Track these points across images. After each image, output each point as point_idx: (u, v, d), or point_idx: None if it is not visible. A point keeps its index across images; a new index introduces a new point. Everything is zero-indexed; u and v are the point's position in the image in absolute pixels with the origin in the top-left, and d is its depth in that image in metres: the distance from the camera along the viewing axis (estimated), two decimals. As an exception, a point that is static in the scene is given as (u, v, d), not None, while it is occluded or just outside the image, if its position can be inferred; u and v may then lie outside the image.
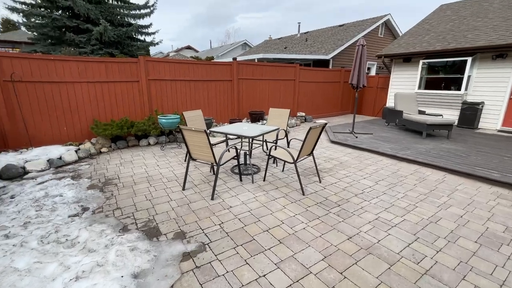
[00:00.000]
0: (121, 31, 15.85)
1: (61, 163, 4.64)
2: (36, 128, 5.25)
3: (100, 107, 5.87)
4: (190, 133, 3.37)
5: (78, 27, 14.96)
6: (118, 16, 16.27)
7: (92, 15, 14.92)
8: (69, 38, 14.70)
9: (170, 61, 6.69)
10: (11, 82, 4.84)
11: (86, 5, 14.56)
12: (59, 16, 14.35)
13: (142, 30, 17.73)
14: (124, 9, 16.56)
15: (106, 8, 15.80)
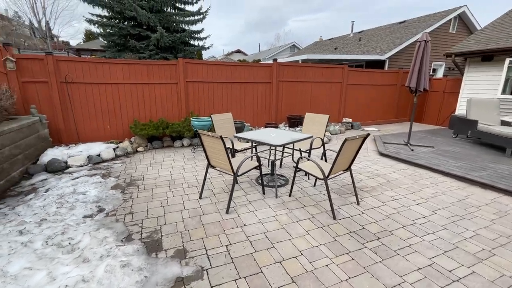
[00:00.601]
0: (175, 36, 16.90)
1: (99, 160, 4.89)
2: (85, 125, 5.69)
3: (140, 107, 6.11)
4: (207, 138, 3.09)
5: (139, 34, 16.45)
6: (174, 23, 17.41)
7: (152, 23, 16.23)
8: (131, 45, 16.25)
9: (208, 63, 6.64)
10: (65, 83, 5.33)
11: (147, 14, 15.90)
12: (125, 26, 15.98)
13: (194, 36, 18.67)
14: (180, 16, 17.66)
15: (164, 16, 17.05)
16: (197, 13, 17.88)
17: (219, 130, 4.59)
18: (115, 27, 16.02)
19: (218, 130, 4.57)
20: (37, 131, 4.81)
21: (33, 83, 5.11)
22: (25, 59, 4.99)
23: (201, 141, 3.21)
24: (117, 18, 16.42)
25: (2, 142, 3.70)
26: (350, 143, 2.87)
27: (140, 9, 15.30)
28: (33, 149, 4.55)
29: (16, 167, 3.99)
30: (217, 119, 4.60)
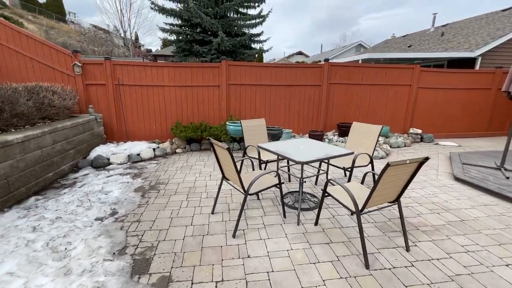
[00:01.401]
0: (235, 40, 17.37)
1: (137, 159, 5.10)
2: (134, 125, 6.10)
3: (183, 109, 6.22)
4: (217, 147, 2.73)
5: (203, 39, 17.48)
6: (235, 27, 17.93)
7: (214, 28, 17.04)
8: (195, 50, 17.39)
9: (251, 65, 6.35)
10: (118, 86, 5.78)
11: (211, 20, 16.75)
12: (191, 32, 17.21)
13: (254, 39, 18.87)
14: (241, 20, 18.07)
15: (227, 21, 17.69)
16: (257, 16, 18.02)
17: (249, 137, 4.20)
18: (182, 33, 17.43)
19: (247, 137, 4.18)
20: (92, 129, 5.32)
21: (94, 85, 5.71)
22: (89, 64, 5.60)
23: (213, 150, 2.87)
24: (185, 26, 17.84)
25: (55, 138, 4.13)
26: (395, 170, 2.09)
27: (205, 16, 16.17)
28: (85, 145, 5.03)
29: (67, 160, 4.43)
30: (247, 125, 4.22)
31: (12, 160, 3.28)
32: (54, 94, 4.65)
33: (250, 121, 4.29)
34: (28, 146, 3.56)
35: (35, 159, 3.68)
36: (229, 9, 17.66)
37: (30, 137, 3.58)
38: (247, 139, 4.18)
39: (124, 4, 18.86)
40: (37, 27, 21.34)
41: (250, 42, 19.05)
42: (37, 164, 3.72)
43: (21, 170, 3.43)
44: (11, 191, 3.26)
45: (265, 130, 4.41)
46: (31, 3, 27.68)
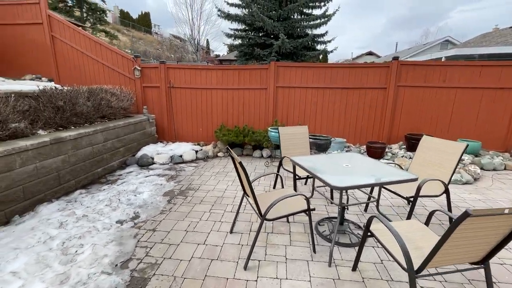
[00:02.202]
0: (297, 42, 16.83)
1: (179, 160, 5.16)
2: (182, 126, 6.27)
3: (229, 112, 6.09)
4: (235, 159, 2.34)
5: (264, 43, 17.51)
6: (298, 28, 17.40)
7: (276, 31, 16.86)
8: (256, 53, 17.55)
9: (303, 66, 5.77)
10: (169, 88, 6.02)
11: (273, 23, 16.63)
12: (253, 36, 17.44)
13: (317, 39, 17.99)
14: (305, 21, 17.43)
15: (290, 23, 17.32)
16: (322, 16, 17.09)
17: (287, 147, 3.69)
18: (245, 38, 17.84)
19: (285, 147, 3.68)
20: (144, 128, 5.65)
21: (150, 88, 6.09)
22: (146, 68, 6.00)
23: (233, 162, 2.50)
24: (248, 30, 18.22)
25: (107, 136, 4.45)
26: (480, 223, 1.30)
27: (267, 19, 16.14)
28: (136, 143, 5.35)
29: (116, 157, 4.75)
30: (285, 133, 3.71)
31: (64, 155, 3.59)
32: (113, 96, 5.07)
33: (289, 128, 3.77)
34: (80, 143, 3.88)
35: (86, 155, 4.00)
36: (293, 10, 17.23)
37: (83, 134, 3.90)
38: (284, 149, 3.67)
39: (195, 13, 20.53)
40: (128, 38, 25.34)
41: (313, 43, 18.21)
42: (87, 160, 4.04)
43: (72, 164, 3.75)
44: (61, 183, 3.58)
45: (307, 139, 3.82)
46: (127, 19, 33.06)
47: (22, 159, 3.01)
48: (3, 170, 2.82)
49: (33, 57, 6.20)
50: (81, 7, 18.82)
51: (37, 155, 3.19)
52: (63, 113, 3.95)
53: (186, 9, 20.08)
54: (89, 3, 19.09)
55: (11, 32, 6.12)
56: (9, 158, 2.86)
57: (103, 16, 20.01)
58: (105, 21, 21.10)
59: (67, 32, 5.98)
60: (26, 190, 3.08)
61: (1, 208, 2.82)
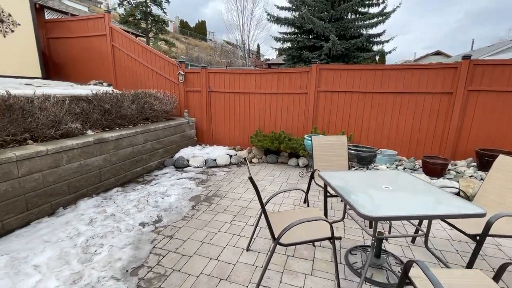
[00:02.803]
0: (349, 43, 15.83)
1: (213, 164, 5.16)
2: (220, 129, 6.32)
3: (266, 117, 5.90)
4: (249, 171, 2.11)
5: (313, 45, 16.92)
6: (351, 29, 16.36)
7: (327, 32, 16.14)
8: (304, 56, 17.06)
9: (349, 68, 5.23)
10: (208, 92, 6.12)
11: (324, 24, 15.96)
12: (302, 38, 17.01)
13: (373, 39, 16.66)
14: (359, 20, 16.31)
15: (342, 24, 16.40)
16: (379, 14, 15.75)
17: (320, 158, 3.31)
18: (293, 41, 17.51)
19: (318, 158, 3.31)
20: (183, 131, 5.85)
21: (192, 92, 6.30)
22: (190, 73, 6.22)
23: (250, 175, 2.28)
24: (297, 33, 17.84)
25: (147, 138, 4.70)
26: None
27: (317, 20, 15.58)
28: (175, 145, 5.56)
29: (155, 158, 4.98)
30: (320, 142, 3.33)
31: (106, 154, 3.87)
32: (156, 100, 5.36)
33: (324, 137, 3.38)
34: (121, 143, 4.15)
35: (126, 155, 4.26)
36: (346, 10, 16.29)
37: (124, 135, 4.17)
38: (317, 161, 3.30)
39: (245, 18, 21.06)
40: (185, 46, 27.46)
41: (368, 43, 16.94)
42: (127, 160, 4.30)
43: (113, 163, 4.02)
44: (102, 180, 3.86)
45: (345, 150, 3.37)
46: (185, 28, 35.91)
47: (68, 156, 3.32)
48: (52, 166, 3.13)
49: (97, 64, 7.02)
50: (147, 19, 21.03)
51: (81, 153, 3.49)
52: (109, 115, 4.29)
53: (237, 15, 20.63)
54: (153, 15, 21.22)
55: (82, 44, 7.04)
56: (57, 155, 3.17)
57: (164, 26, 22.01)
58: (166, 30, 23.19)
59: (124, 41, 6.60)
60: (70, 185, 3.38)
61: (49, 200, 3.14)
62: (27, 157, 2.86)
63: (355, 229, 2.92)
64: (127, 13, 20.66)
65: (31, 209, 2.96)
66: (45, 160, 3.05)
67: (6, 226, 2.74)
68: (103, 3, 34.15)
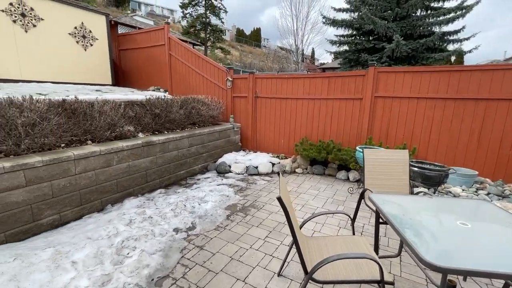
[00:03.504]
0: (418, 43, 14.12)
1: (254, 172, 4.99)
2: (265, 136, 6.14)
3: (314, 125, 5.49)
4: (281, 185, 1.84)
5: (374, 47, 15.59)
6: (420, 27, 14.58)
7: (390, 32, 14.70)
8: (363, 59, 15.84)
9: (415, 71, 4.47)
10: (255, 98, 6.01)
11: (386, 24, 14.59)
12: (360, 40, 15.86)
13: (448, 38, 14.57)
14: (431, 17, 14.44)
15: (409, 22, 14.76)
16: (457, 8, 13.65)
17: (374, 175, 2.82)
18: (350, 43, 16.43)
19: (370, 175, 2.82)
20: (228, 136, 5.86)
21: (238, 98, 6.29)
22: (237, 79, 6.23)
23: (285, 192, 2.00)
24: (355, 35, 16.71)
25: (192, 142, 4.81)
26: None
27: (379, 20, 14.37)
28: (219, 150, 5.59)
29: (199, 162, 5.06)
30: (372, 157, 2.84)
31: (152, 156, 4.06)
32: (203, 105, 5.49)
33: (379, 150, 2.87)
34: (168, 147, 4.31)
35: (171, 158, 4.41)
36: (415, 6, 14.64)
37: (170, 139, 4.32)
38: (369, 178, 2.81)
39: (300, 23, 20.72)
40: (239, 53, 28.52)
41: (441, 42, 14.89)
42: (172, 162, 4.44)
43: (159, 165, 4.19)
44: (148, 181, 4.04)
45: (406, 167, 2.79)
46: (241, 36, 37.43)
47: (118, 157, 3.55)
48: (104, 166, 3.38)
49: (157, 72, 7.64)
50: (206, 29, 22.54)
51: (130, 155, 3.70)
52: (158, 119, 4.51)
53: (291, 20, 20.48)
54: (212, 25, 22.62)
55: (146, 54, 7.76)
56: (109, 156, 3.41)
57: (221, 35, 23.25)
58: (223, 39, 24.45)
59: (179, 49, 7.02)
60: (119, 184, 3.61)
61: (99, 197, 3.39)
62: (83, 157, 3.13)
63: (415, 266, 2.35)
64: (188, 24, 22.46)
65: (84, 204, 3.23)
66: (98, 160, 3.30)
67: (63, 218, 3.03)
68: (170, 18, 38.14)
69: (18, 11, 5.73)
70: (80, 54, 6.86)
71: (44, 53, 6.20)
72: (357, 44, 16.12)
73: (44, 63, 6.23)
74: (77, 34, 6.75)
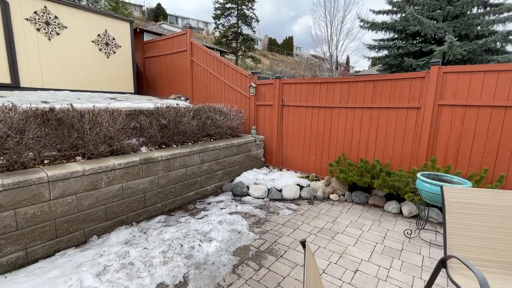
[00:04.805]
0: (475, 44, 12.18)
1: (277, 196, 4.07)
2: (293, 150, 5.20)
3: (354, 140, 4.42)
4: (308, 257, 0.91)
5: (420, 50, 13.87)
6: (477, 26, 12.63)
7: (440, 33, 12.95)
8: (406, 64, 14.16)
9: (500, 70, 3.24)
10: (281, 106, 5.14)
11: (436, 25, 12.88)
12: (404, 44, 14.26)
13: (512, 38, 12.39)
14: (491, 14, 12.45)
15: (464, 21, 12.89)
16: (526, 2, 11.54)
17: (463, 232, 1.74)
18: (392, 48, 14.86)
19: (456, 231, 1.74)
20: (249, 151, 5.04)
21: (262, 106, 5.48)
22: (262, 85, 5.44)
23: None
24: (397, 38, 15.12)
25: (204, 158, 4.07)
26: None
27: (427, 20, 12.77)
28: (237, 167, 4.78)
29: (212, 181, 4.30)
30: (462, 200, 1.77)
31: (153, 176, 3.37)
32: (221, 115, 4.77)
33: (472, 190, 1.78)
34: (173, 164, 3.60)
35: (178, 177, 3.70)
36: (471, 3, 12.81)
37: (176, 155, 3.62)
38: (453, 234, 1.74)
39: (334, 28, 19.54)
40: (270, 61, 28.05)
41: (506, 42, 12.75)
42: (179, 182, 3.72)
43: (161, 186, 3.49)
44: (146, 205, 3.36)
45: None
46: (273, 45, 37.12)
47: (108, 178, 2.91)
48: (88, 188, 2.75)
49: (179, 79, 7.20)
50: (237, 39, 22.46)
51: (124, 174, 3.05)
52: (166, 131, 3.86)
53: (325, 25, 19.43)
54: (243, 34, 22.49)
55: (169, 60, 7.40)
56: (95, 176, 2.78)
57: (252, 44, 22.99)
58: (254, 48, 24.18)
59: (201, 54, 6.48)
60: (108, 211, 2.95)
61: (81, 226, 2.75)
62: (60, 178, 2.52)
63: None
64: (221, 35, 22.58)
65: (61, 236, 2.61)
66: (81, 182, 2.68)
67: (31, 255, 2.42)
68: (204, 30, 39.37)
69: (42, 19, 5.65)
70: (102, 61, 6.67)
71: (66, 61, 6.06)
72: (400, 48, 14.52)
73: (65, 71, 6.09)
74: (100, 41, 6.58)
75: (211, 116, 4.53)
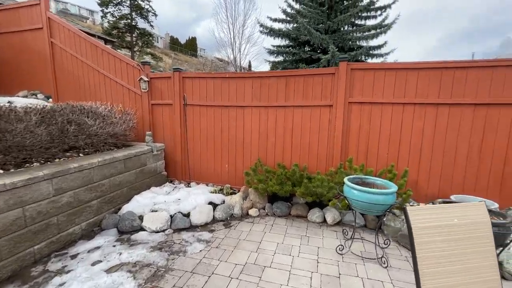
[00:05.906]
0: (349, 55, 14.46)
1: (183, 224, 3.07)
2: (202, 160, 4.29)
3: (269, 143, 3.93)
4: None
5: (310, 58, 15.49)
6: (349, 41, 15.13)
7: (325, 44, 14.80)
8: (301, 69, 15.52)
9: (401, 67, 3.38)
10: (184, 106, 4.17)
11: (321, 36, 14.62)
12: (297, 51, 15.61)
13: (373, 52, 15.43)
14: (358, 32, 15.15)
15: (339, 35, 15.17)
16: (378, 26, 14.61)
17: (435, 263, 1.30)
18: (288, 54, 16.10)
19: (428, 263, 1.29)
20: (143, 164, 3.79)
21: (160, 106, 4.32)
22: (156, 79, 4.27)
23: None
24: (292, 46, 16.50)
25: (62, 185, 2.61)
26: None
27: (314, 31, 14.28)
28: (126, 189, 3.47)
29: (82, 218, 2.86)
30: (425, 217, 1.34)
31: None
32: (97, 118, 3.34)
33: (436, 208, 1.40)
34: (-10, 205, 2.05)
35: (6, 226, 2.15)
36: (343, 21, 15.10)
37: None
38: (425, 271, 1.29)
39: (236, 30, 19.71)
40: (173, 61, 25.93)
41: (367, 56, 15.73)
42: (8, 235, 2.18)
43: (-39, 250, 1.90)
44: None
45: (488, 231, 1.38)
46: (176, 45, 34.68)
47: None
48: None
49: (32, 69, 5.03)
50: (132, 32, 19.43)
51: None
52: (-25, 148, 2.22)
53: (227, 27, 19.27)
54: (140, 28, 19.69)
55: (12, 41, 5.06)
56: None
57: (150, 39, 20.42)
58: (152, 44, 21.61)
59: (67, 36, 4.66)
60: None
61: None
62: None
63: None
64: (110, 25, 19.04)
65: None
66: None
67: None
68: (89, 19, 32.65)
69: None
70: None
71: None
72: (294, 54, 15.89)
73: None
74: None
75: (77, 120, 3.06)
